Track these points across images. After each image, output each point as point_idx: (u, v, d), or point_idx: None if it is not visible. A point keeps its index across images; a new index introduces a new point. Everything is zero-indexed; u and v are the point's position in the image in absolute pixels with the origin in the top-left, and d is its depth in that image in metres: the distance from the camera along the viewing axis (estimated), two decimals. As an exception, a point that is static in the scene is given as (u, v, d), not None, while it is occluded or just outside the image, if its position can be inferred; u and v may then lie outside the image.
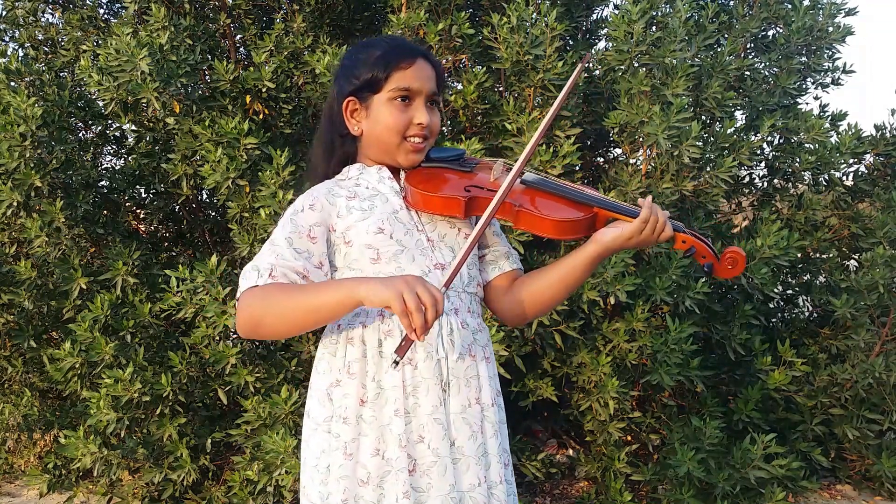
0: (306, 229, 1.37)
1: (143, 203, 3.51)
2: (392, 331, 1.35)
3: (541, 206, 1.39)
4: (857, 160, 3.62)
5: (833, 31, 3.53)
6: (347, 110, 1.45)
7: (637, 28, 2.95)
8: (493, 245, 1.52)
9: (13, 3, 3.63)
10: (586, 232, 1.40)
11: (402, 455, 1.31)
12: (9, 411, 3.20)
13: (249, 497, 2.81)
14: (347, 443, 1.34)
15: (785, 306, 3.88)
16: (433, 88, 1.44)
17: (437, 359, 1.35)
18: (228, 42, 3.47)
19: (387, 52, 1.42)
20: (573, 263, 1.41)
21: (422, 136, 1.43)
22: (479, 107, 3.09)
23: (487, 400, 1.39)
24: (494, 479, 1.37)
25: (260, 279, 1.31)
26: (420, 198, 1.40)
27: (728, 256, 1.40)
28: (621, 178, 3.08)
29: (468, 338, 1.39)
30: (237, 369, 2.81)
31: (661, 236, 1.37)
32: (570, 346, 3.14)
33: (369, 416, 1.34)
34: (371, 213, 1.39)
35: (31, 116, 2.81)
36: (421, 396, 1.33)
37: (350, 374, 1.36)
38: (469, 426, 1.36)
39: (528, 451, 3.30)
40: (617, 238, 1.37)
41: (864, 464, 3.50)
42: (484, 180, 1.43)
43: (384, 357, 1.35)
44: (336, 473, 1.34)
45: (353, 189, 1.44)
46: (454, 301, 1.39)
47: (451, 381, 1.36)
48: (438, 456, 1.32)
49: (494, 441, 1.39)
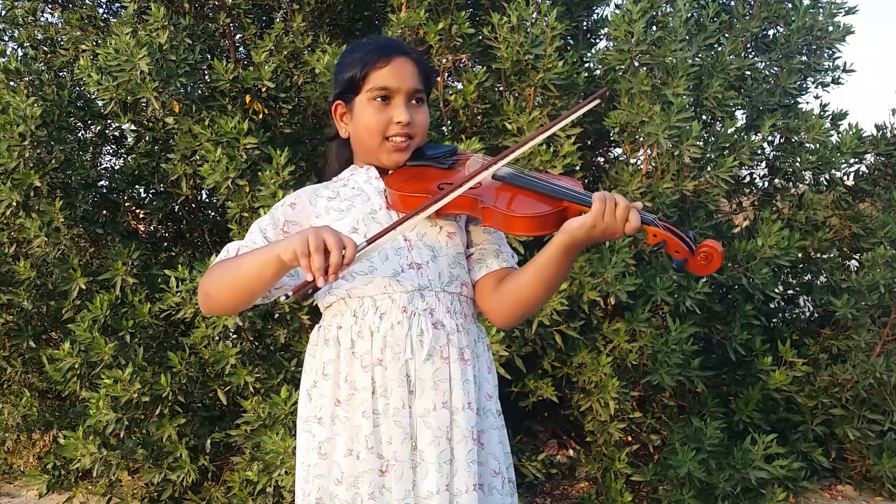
0: (281, 223, 1.40)
1: (143, 203, 3.50)
2: (362, 332, 1.35)
3: (508, 202, 1.33)
4: (858, 160, 3.62)
5: (833, 31, 3.52)
6: (336, 114, 1.47)
7: (637, 27, 2.94)
8: (481, 243, 1.47)
9: (12, 2, 3.62)
10: (557, 228, 1.32)
11: (370, 456, 1.31)
12: (8, 411, 3.19)
13: (249, 497, 2.81)
14: (322, 443, 1.36)
15: (786, 306, 3.88)
16: (415, 86, 1.42)
17: (405, 360, 1.33)
18: (228, 42, 3.47)
19: (365, 53, 1.42)
20: (543, 257, 1.33)
21: (404, 136, 1.41)
22: (480, 106, 3.09)
23: (458, 404, 1.34)
24: (460, 486, 1.32)
25: (226, 257, 1.37)
26: (397, 197, 1.39)
27: (702, 251, 1.28)
28: (622, 178, 3.08)
29: (440, 339, 1.35)
30: (237, 369, 2.81)
31: (628, 227, 1.26)
32: (570, 346, 3.13)
33: (343, 416, 1.35)
34: (347, 213, 1.40)
35: (31, 116, 2.80)
36: (390, 398, 1.32)
37: (325, 374, 1.37)
38: (432, 430, 1.32)
39: (529, 452, 3.29)
40: (581, 226, 1.26)
41: (864, 464, 3.49)
42: (460, 176, 1.39)
43: (356, 357, 1.35)
44: (312, 472, 1.36)
45: (338, 189, 1.46)
46: (429, 300, 1.36)
47: (417, 382, 1.33)
48: (397, 459, 1.31)
49: (463, 447, 1.33)
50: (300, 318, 2.89)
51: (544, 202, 1.33)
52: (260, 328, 2.92)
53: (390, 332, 1.33)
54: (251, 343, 3.01)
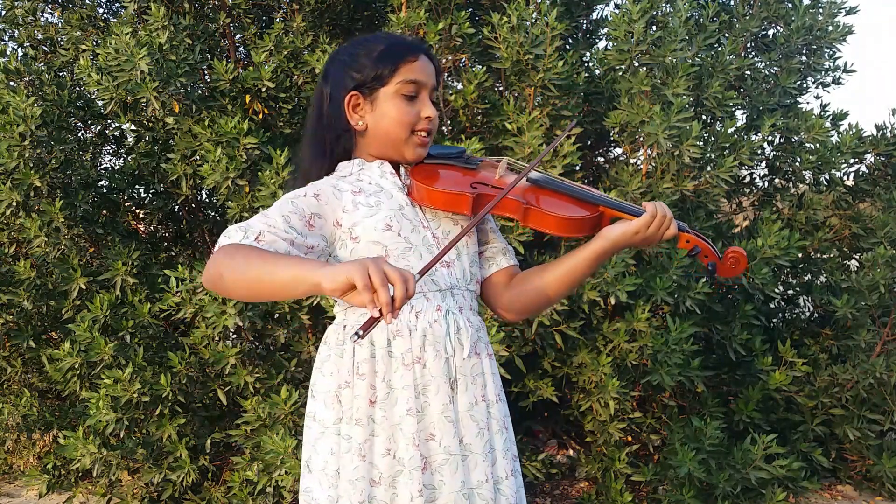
0: (307, 215, 1.31)
1: (143, 203, 3.50)
2: (401, 330, 1.34)
3: (548, 204, 1.40)
4: (858, 160, 3.61)
5: (833, 31, 3.52)
6: (349, 105, 1.42)
7: (637, 27, 2.94)
8: (490, 242, 1.52)
9: (12, 2, 3.62)
10: (591, 231, 1.41)
11: (415, 454, 1.30)
12: (8, 411, 3.19)
13: (249, 497, 2.81)
14: (360, 444, 1.32)
15: (786, 306, 3.88)
16: (435, 83, 1.44)
17: (446, 357, 1.35)
18: (228, 42, 3.47)
19: (392, 46, 1.42)
20: (579, 259, 1.41)
21: (427, 130, 1.42)
22: (479, 106, 3.09)
23: (492, 396, 1.40)
24: (500, 474, 1.39)
25: (245, 240, 1.24)
26: (426, 193, 1.38)
27: (731, 256, 1.43)
28: (622, 178, 3.08)
29: (474, 335, 1.39)
30: (237, 370, 2.81)
31: (667, 234, 1.39)
32: (570, 346, 3.13)
33: (380, 416, 1.33)
34: (378, 210, 1.37)
35: (31, 116, 2.81)
36: (431, 395, 1.33)
37: (359, 374, 1.34)
38: (476, 423, 1.36)
39: (529, 452, 3.29)
40: (625, 233, 1.37)
41: (864, 464, 3.50)
42: (489, 178, 1.43)
43: (394, 357, 1.34)
44: (350, 476, 1.32)
45: (357, 184, 1.41)
46: (458, 299, 1.39)
47: (459, 378, 1.36)
48: (450, 454, 1.33)
49: (500, 437, 1.40)
50: (300, 318, 2.89)
51: (582, 206, 1.41)
52: (260, 328, 2.92)
53: (429, 329, 1.34)
54: (251, 343, 3.01)
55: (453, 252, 1.41)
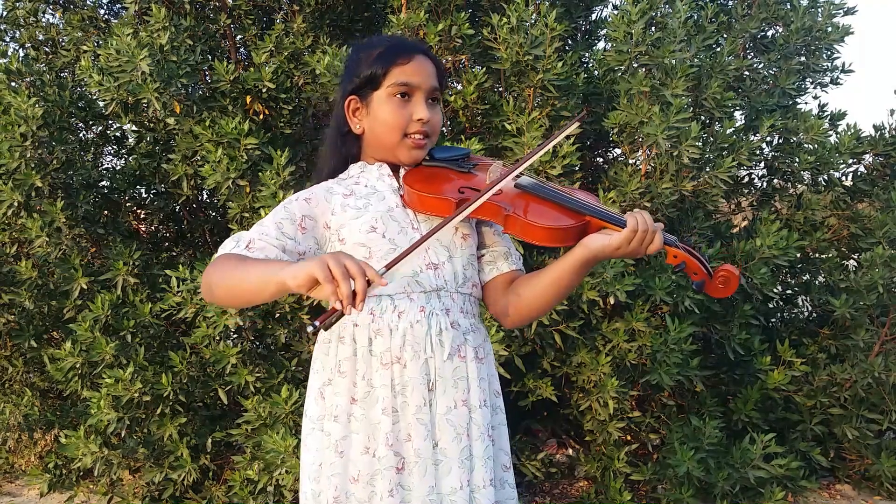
0: (298, 218, 1.36)
1: (144, 203, 3.51)
2: (381, 329, 1.34)
3: (531, 212, 1.35)
4: (857, 160, 3.62)
5: (832, 31, 3.53)
6: (349, 109, 1.45)
7: (636, 28, 2.95)
8: (492, 245, 1.50)
9: (14, 3, 3.63)
10: (574, 241, 1.36)
11: (389, 453, 1.31)
12: (9, 411, 3.20)
13: (250, 497, 2.82)
14: (338, 441, 1.34)
15: (784, 306, 3.89)
16: (433, 85, 1.43)
17: (425, 358, 1.34)
18: (229, 42, 3.48)
19: (386, 49, 1.42)
20: (562, 267, 1.37)
21: (422, 133, 1.42)
22: (479, 107, 3.10)
23: (475, 402, 1.37)
24: (478, 482, 1.35)
25: (236, 248, 1.30)
26: (415, 197, 1.39)
27: (721, 275, 1.37)
28: (621, 179, 3.09)
29: (458, 338, 1.38)
30: (237, 369, 2.82)
31: (650, 248, 1.33)
32: (569, 345, 3.14)
33: (360, 414, 1.34)
34: (365, 212, 1.39)
35: (32, 117, 2.81)
36: (409, 395, 1.33)
37: (341, 372, 1.36)
38: (454, 428, 1.35)
39: (528, 451, 3.30)
40: (605, 247, 1.32)
41: (863, 463, 3.51)
42: (480, 181, 1.41)
43: (374, 356, 1.35)
44: (328, 471, 1.35)
45: (352, 187, 1.44)
46: (445, 301, 1.38)
47: (438, 381, 1.35)
48: (420, 456, 1.32)
49: (480, 443, 1.37)
50: (300, 317, 2.90)
51: (568, 215, 1.36)
52: (260, 328, 2.93)
53: (410, 330, 1.34)
54: (252, 343, 3.01)
55: (444, 254, 1.41)
